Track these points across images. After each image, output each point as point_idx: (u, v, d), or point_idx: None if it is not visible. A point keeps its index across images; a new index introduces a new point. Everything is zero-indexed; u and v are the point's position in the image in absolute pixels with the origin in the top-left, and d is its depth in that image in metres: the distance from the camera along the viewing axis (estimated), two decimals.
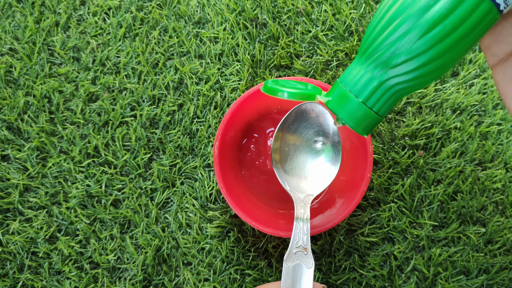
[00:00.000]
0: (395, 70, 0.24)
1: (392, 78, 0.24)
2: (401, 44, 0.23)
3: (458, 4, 0.21)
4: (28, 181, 0.44)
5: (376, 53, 0.24)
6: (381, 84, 0.25)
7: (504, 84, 0.29)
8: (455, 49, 0.23)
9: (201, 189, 0.44)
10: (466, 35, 0.22)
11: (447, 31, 0.22)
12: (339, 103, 0.26)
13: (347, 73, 0.26)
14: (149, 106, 0.45)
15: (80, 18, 0.47)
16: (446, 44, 0.22)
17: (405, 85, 0.25)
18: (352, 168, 0.41)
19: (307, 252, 0.33)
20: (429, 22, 0.22)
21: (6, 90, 0.46)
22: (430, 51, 0.23)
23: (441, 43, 0.22)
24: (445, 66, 0.23)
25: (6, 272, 0.43)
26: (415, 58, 0.23)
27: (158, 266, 0.44)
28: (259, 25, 0.47)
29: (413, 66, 0.23)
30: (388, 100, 0.26)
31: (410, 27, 0.22)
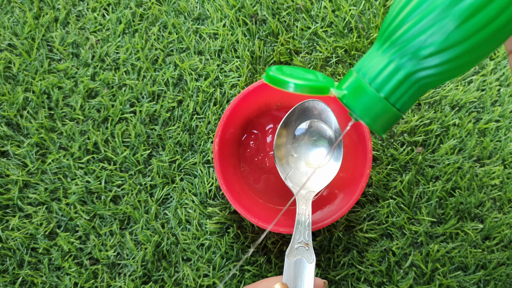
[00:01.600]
0: (426, 61, 0.21)
1: (422, 70, 0.22)
2: (435, 32, 0.20)
3: None
4: (27, 177, 0.44)
5: (402, 41, 0.21)
6: (408, 76, 0.22)
7: None
8: (491, 40, 0.20)
9: (201, 185, 0.45)
10: (504, 26, 0.20)
11: (487, 20, 0.19)
12: (355, 97, 0.23)
13: (365, 62, 0.23)
14: (149, 102, 0.45)
15: (79, 14, 0.47)
16: (484, 34, 0.20)
17: (434, 79, 0.22)
18: (351, 164, 0.41)
19: (308, 248, 0.33)
20: (469, 9, 0.19)
21: (5, 86, 0.45)
22: (466, 42, 0.20)
23: (479, 34, 0.20)
24: (478, 58, 0.21)
25: (6, 268, 0.43)
26: (450, 49, 0.20)
27: (157, 262, 0.44)
28: (259, 21, 0.47)
29: (446, 58, 0.21)
30: (413, 95, 0.22)
31: (446, 14, 0.20)
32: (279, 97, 0.42)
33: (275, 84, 0.24)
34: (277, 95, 0.42)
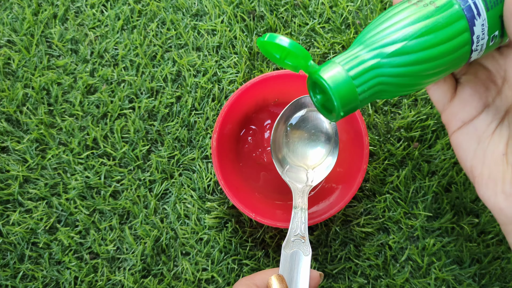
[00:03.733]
0: (388, 59, 0.26)
1: (384, 66, 0.26)
2: (398, 37, 0.26)
3: (448, 25, 0.26)
4: (27, 172, 0.45)
5: (375, 40, 0.27)
6: (372, 68, 0.26)
7: (466, 145, 0.33)
8: (436, 60, 0.27)
9: (199, 181, 0.45)
10: (447, 53, 0.27)
11: (435, 42, 0.26)
12: (327, 71, 0.26)
13: (342, 53, 0.27)
14: (147, 98, 0.46)
15: (78, 10, 0.47)
16: (432, 53, 0.26)
17: (389, 79, 0.27)
18: (348, 159, 0.41)
19: (304, 240, 0.33)
20: (424, 30, 0.26)
21: (4, 82, 0.46)
22: (418, 52, 0.26)
23: (428, 50, 0.26)
24: (424, 75, 0.27)
25: (7, 262, 0.44)
26: (406, 54, 0.26)
27: (157, 256, 0.44)
28: (257, 17, 0.47)
29: (402, 61, 0.26)
30: (371, 88, 0.27)
31: (411, 31, 0.26)
32: (277, 93, 0.42)
33: (269, 45, 0.28)
34: (275, 91, 0.42)
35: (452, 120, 0.34)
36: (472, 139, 0.33)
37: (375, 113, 0.46)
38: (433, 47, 0.26)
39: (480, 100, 0.33)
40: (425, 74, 0.27)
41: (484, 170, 0.32)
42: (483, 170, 0.32)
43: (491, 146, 0.32)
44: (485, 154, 0.32)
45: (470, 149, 0.33)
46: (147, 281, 0.44)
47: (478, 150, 0.32)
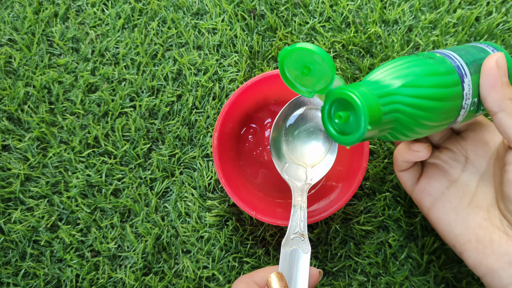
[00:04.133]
0: (403, 88, 0.29)
1: (399, 93, 0.28)
2: (410, 72, 0.29)
3: (446, 74, 0.30)
4: (29, 171, 0.45)
5: (390, 73, 0.30)
6: (391, 93, 0.28)
7: (445, 218, 0.36)
8: (438, 101, 0.29)
9: (200, 179, 0.45)
10: (446, 97, 0.30)
11: (438, 83, 0.29)
12: (354, 87, 0.27)
13: (360, 82, 0.29)
14: (148, 97, 0.46)
15: (78, 8, 0.47)
16: (436, 92, 0.29)
17: (403, 108, 0.28)
18: (348, 158, 0.42)
19: (304, 238, 0.34)
20: (429, 72, 0.30)
21: (6, 81, 0.46)
22: (426, 88, 0.29)
23: (433, 89, 0.29)
24: (429, 115, 0.29)
25: (9, 260, 0.44)
26: (416, 87, 0.29)
27: (158, 254, 0.44)
28: (257, 16, 0.47)
29: (413, 92, 0.29)
30: (391, 113, 0.28)
31: (420, 70, 0.30)
32: (278, 91, 0.42)
33: (301, 49, 0.28)
34: (276, 89, 0.42)
35: (422, 197, 0.37)
36: (450, 211, 0.35)
37: None
38: (437, 87, 0.29)
39: (445, 176, 0.36)
40: (430, 114, 0.29)
41: (470, 235, 0.34)
42: (469, 236, 0.34)
43: (471, 215, 0.35)
44: (467, 221, 0.34)
45: (451, 220, 0.35)
46: (148, 279, 0.44)
47: (459, 219, 0.35)
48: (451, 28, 0.46)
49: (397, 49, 0.46)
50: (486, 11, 0.46)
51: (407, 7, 0.47)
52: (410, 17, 0.47)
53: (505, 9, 0.46)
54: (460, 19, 0.46)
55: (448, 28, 0.46)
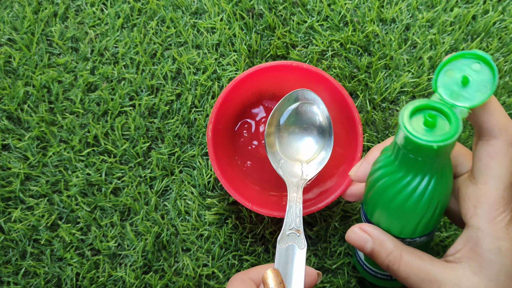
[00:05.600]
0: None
1: None
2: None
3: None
4: (29, 170, 0.45)
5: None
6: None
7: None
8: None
9: (199, 177, 0.45)
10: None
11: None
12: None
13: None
14: (148, 96, 0.46)
15: (78, 8, 0.48)
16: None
17: None
18: (343, 149, 0.42)
19: (299, 234, 0.34)
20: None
21: (5, 80, 0.46)
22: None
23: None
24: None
25: (9, 259, 0.44)
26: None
27: (158, 252, 0.45)
28: (256, 15, 0.47)
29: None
30: None
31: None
32: (272, 85, 0.43)
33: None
34: (270, 83, 0.42)
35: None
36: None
37: (373, 109, 0.46)
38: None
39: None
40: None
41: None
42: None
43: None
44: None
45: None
46: (148, 277, 0.44)
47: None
48: (448, 27, 0.47)
49: (395, 47, 0.46)
50: (482, 9, 0.47)
51: (405, 6, 0.47)
52: (408, 16, 0.47)
53: (502, 8, 0.47)
54: (457, 17, 0.47)
55: (445, 27, 0.47)
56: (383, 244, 0.31)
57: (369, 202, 0.32)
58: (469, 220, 0.29)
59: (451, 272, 0.29)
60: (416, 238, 0.31)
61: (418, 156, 0.26)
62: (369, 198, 0.32)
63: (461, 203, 0.30)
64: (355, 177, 0.35)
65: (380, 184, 0.30)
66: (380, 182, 0.30)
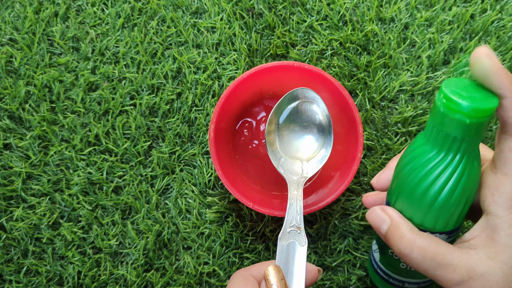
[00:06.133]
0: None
1: None
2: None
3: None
4: (30, 169, 0.45)
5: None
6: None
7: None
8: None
9: (200, 176, 0.46)
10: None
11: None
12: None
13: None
14: (148, 95, 0.46)
15: (78, 8, 0.48)
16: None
17: None
18: (343, 149, 0.42)
19: (300, 231, 0.34)
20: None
21: (7, 80, 0.46)
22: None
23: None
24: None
25: (11, 257, 0.45)
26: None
27: (159, 250, 0.45)
28: (255, 15, 0.48)
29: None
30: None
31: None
32: (273, 85, 0.43)
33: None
34: (271, 83, 0.43)
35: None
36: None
37: (372, 108, 0.46)
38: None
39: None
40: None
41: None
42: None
43: None
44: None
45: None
46: (149, 275, 0.44)
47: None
48: (447, 26, 0.47)
49: (394, 46, 0.47)
50: (481, 8, 0.47)
51: (403, 5, 0.47)
52: (406, 15, 0.47)
53: (500, 7, 0.47)
54: (455, 16, 0.47)
55: (444, 26, 0.47)
56: (399, 226, 0.31)
57: (394, 191, 0.32)
58: (487, 207, 0.29)
59: (466, 257, 0.29)
60: (437, 232, 0.31)
61: (452, 131, 0.28)
62: (394, 186, 0.32)
63: (481, 191, 0.30)
64: (377, 184, 0.35)
65: (409, 168, 0.30)
66: (409, 166, 0.30)
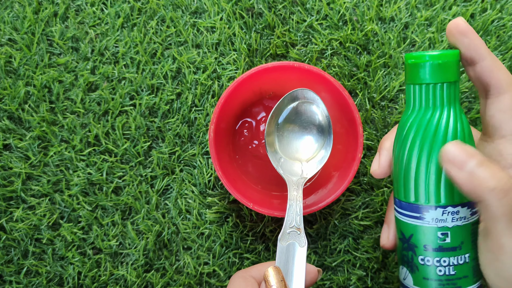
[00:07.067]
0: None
1: None
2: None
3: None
4: (30, 169, 0.45)
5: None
6: None
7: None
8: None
9: (200, 176, 0.46)
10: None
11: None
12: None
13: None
14: (148, 95, 0.46)
15: (78, 8, 0.48)
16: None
17: None
18: (343, 149, 0.42)
19: (300, 232, 0.34)
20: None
21: (6, 80, 0.46)
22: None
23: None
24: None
25: (11, 258, 0.45)
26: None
27: (159, 251, 0.45)
28: (255, 14, 0.47)
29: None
30: None
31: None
32: (273, 85, 0.43)
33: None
34: (271, 83, 0.43)
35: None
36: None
37: (372, 108, 0.46)
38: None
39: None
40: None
41: None
42: None
43: None
44: None
45: None
46: (149, 276, 0.44)
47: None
48: (447, 25, 0.47)
49: (394, 46, 0.47)
50: (481, 8, 0.47)
51: (403, 5, 0.47)
52: (406, 15, 0.47)
53: (500, 6, 0.47)
54: (455, 16, 0.47)
55: (444, 25, 0.47)
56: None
57: (402, 170, 0.32)
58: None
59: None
60: (458, 206, 0.31)
61: (429, 78, 0.30)
62: (402, 168, 0.32)
63: None
64: (380, 171, 0.34)
65: (411, 140, 0.31)
66: (409, 139, 0.31)
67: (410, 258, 0.33)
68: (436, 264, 0.32)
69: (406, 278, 0.34)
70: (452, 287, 0.32)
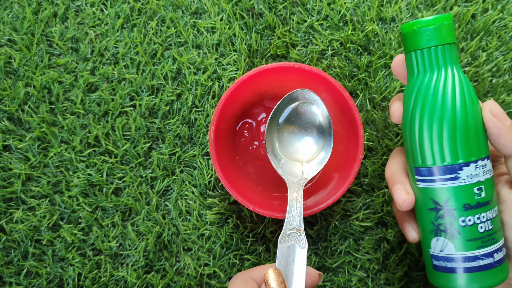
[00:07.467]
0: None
1: None
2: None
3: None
4: (30, 170, 0.45)
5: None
6: None
7: None
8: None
9: (200, 177, 0.45)
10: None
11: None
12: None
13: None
14: (148, 96, 0.46)
15: (78, 8, 0.48)
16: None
17: None
18: (344, 150, 0.42)
19: (300, 234, 0.34)
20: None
21: (6, 81, 0.46)
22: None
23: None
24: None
25: (11, 259, 0.44)
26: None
27: (159, 252, 0.45)
28: (255, 15, 0.47)
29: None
30: None
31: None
32: (273, 86, 0.43)
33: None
34: (271, 84, 0.42)
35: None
36: None
37: (373, 109, 0.46)
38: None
39: None
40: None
41: None
42: None
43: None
44: None
45: None
46: (150, 277, 0.44)
47: None
48: None
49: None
50: (482, 8, 0.47)
51: (404, 5, 0.47)
52: (407, 15, 0.47)
53: (501, 6, 0.47)
54: (456, 16, 0.47)
55: None
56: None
57: (416, 136, 0.33)
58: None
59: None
60: (485, 159, 0.32)
61: (428, 41, 0.32)
62: (416, 136, 0.33)
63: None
64: (410, 194, 0.34)
65: (418, 101, 0.33)
66: (417, 100, 0.33)
67: (449, 224, 0.32)
68: (477, 221, 0.32)
69: (445, 247, 0.33)
70: (492, 242, 0.32)
